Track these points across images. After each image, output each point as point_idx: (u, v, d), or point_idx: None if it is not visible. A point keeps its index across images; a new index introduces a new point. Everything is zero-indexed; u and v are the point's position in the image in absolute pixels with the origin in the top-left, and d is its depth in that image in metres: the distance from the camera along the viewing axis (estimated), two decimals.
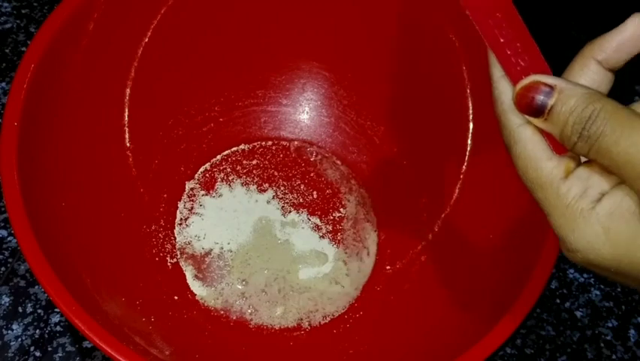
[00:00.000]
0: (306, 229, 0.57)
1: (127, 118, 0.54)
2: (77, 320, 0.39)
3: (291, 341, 0.53)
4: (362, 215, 0.58)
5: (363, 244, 0.57)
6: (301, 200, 0.59)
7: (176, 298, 0.53)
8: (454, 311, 0.50)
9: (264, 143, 0.61)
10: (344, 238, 0.57)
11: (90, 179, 0.51)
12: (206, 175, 0.59)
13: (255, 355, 0.52)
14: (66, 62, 0.48)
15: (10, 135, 0.43)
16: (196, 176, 0.59)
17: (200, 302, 0.54)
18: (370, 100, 0.60)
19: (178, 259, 0.55)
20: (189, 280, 0.55)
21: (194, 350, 0.50)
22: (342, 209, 0.59)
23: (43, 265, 0.40)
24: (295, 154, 0.61)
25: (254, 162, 0.60)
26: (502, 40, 0.32)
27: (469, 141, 0.54)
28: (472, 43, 0.33)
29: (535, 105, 0.31)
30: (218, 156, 0.60)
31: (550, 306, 0.57)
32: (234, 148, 0.60)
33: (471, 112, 0.54)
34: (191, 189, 0.58)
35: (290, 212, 0.58)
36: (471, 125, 0.54)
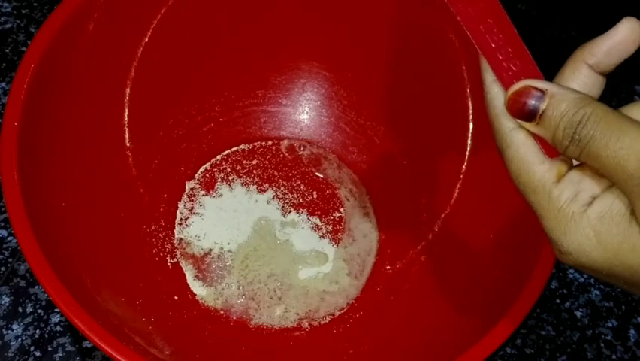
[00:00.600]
0: (306, 229, 0.57)
1: (127, 118, 0.54)
2: (77, 320, 0.39)
3: (291, 341, 0.53)
4: (362, 215, 0.58)
5: (363, 244, 0.57)
6: (301, 200, 0.59)
7: (176, 298, 0.53)
8: (454, 311, 0.50)
9: (264, 143, 0.61)
10: (344, 238, 0.57)
11: (90, 179, 0.51)
12: (206, 175, 0.59)
13: (255, 355, 0.52)
14: (66, 62, 0.48)
15: (10, 135, 0.43)
16: (196, 176, 0.59)
17: (200, 302, 0.54)
18: (370, 100, 0.60)
19: (178, 259, 0.55)
20: (189, 280, 0.55)
21: (194, 350, 0.50)
22: (342, 209, 0.59)
23: (43, 265, 0.40)
24: (295, 154, 0.60)
25: (254, 162, 0.60)
26: (493, 45, 0.33)
27: (469, 140, 0.54)
28: (472, 43, 0.33)
29: (526, 110, 0.31)
30: (218, 156, 0.60)
31: (550, 306, 0.57)
32: (234, 148, 0.60)
33: (471, 112, 0.54)
34: (191, 189, 0.58)
35: (290, 212, 0.58)
36: (471, 125, 0.54)
